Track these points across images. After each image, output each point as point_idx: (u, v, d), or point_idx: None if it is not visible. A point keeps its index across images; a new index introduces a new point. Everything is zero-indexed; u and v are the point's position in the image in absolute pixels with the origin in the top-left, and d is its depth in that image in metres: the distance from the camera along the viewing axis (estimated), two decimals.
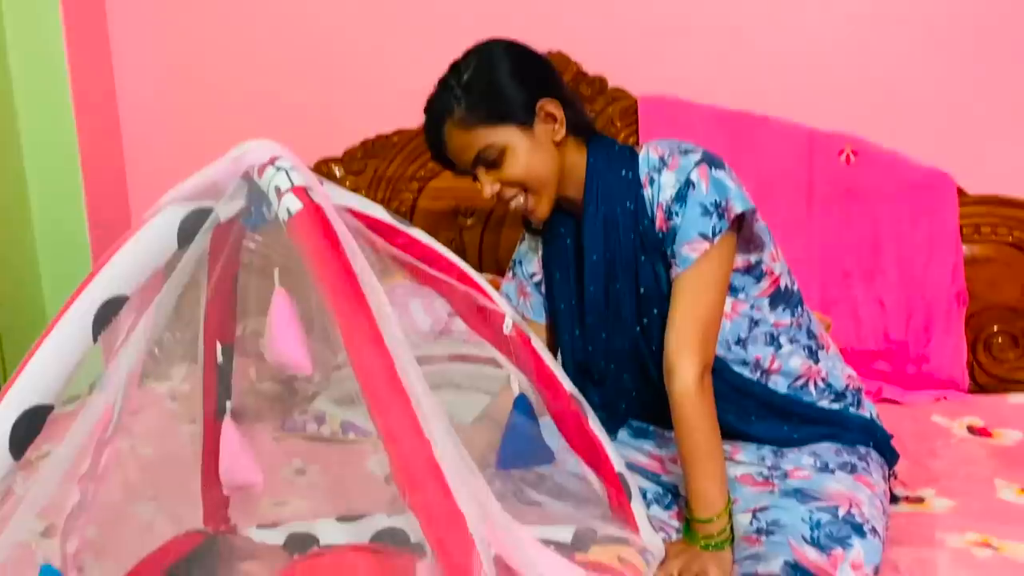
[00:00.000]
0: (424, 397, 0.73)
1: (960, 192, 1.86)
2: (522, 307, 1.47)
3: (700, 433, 1.21)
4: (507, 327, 1.05)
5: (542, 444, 1.11)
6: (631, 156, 1.31)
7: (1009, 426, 1.65)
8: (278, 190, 0.82)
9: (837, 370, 1.39)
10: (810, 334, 1.37)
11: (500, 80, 1.27)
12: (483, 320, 1.07)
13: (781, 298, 1.34)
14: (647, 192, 1.28)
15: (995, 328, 1.86)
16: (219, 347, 1.10)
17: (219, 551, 1.05)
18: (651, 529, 1.16)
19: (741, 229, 1.28)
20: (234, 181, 0.90)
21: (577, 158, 1.31)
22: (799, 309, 1.37)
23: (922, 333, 1.84)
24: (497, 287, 1.25)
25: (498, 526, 0.75)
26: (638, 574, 1.07)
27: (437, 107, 1.28)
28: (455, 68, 1.29)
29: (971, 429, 1.66)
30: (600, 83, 2.01)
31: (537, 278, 1.45)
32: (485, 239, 2.09)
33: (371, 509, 1.27)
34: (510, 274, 1.50)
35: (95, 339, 0.84)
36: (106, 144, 2.27)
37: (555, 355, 1.46)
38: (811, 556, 1.12)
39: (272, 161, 0.84)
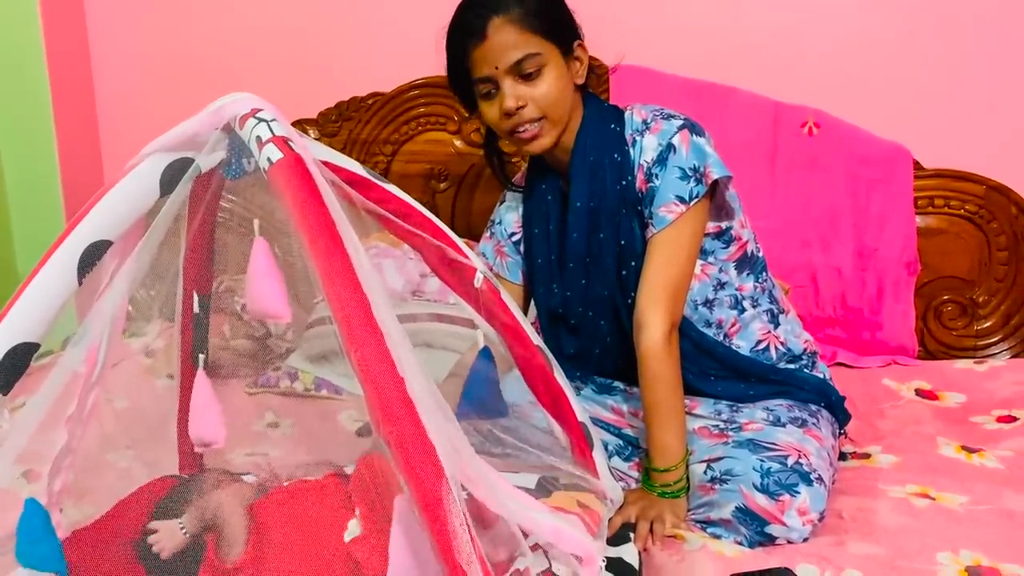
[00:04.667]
0: (398, 338, 0.77)
1: (916, 165, 1.93)
2: (498, 267, 1.49)
3: (664, 387, 1.27)
4: (478, 281, 1.09)
5: (499, 398, 1.15)
6: (618, 114, 1.36)
7: (954, 389, 1.73)
8: (259, 140, 0.85)
9: (795, 335, 1.45)
10: (772, 299, 1.43)
11: (559, 4, 1.29)
12: (454, 274, 1.11)
13: (747, 263, 1.39)
14: (630, 152, 1.32)
15: (945, 297, 1.94)
16: (196, 297, 1.13)
17: (201, 486, 1.08)
18: (611, 478, 1.21)
19: (715, 196, 1.33)
20: (214, 133, 0.92)
21: (576, 108, 1.35)
22: (763, 275, 1.42)
23: (875, 301, 1.91)
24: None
25: (465, 459, 0.80)
26: (597, 518, 1.12)
27: (489, 1, 1.25)
28: None
29: (919, 392, 1.74)
30: None
31: (516, 237, 1.48)
32: (458, 203, 2.12)
33: (344, 461, 1.31)
34: (487, 234, 1.52)
35: (80, 281, 0.87)
36: (79, 102, 2.27)
37: (526, 314, 1.51)
38: (761, 502, 1.18)
39: (253, 113, 0.87)
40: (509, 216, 1.49)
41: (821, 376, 1.45)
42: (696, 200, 1.28)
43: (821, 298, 1.94)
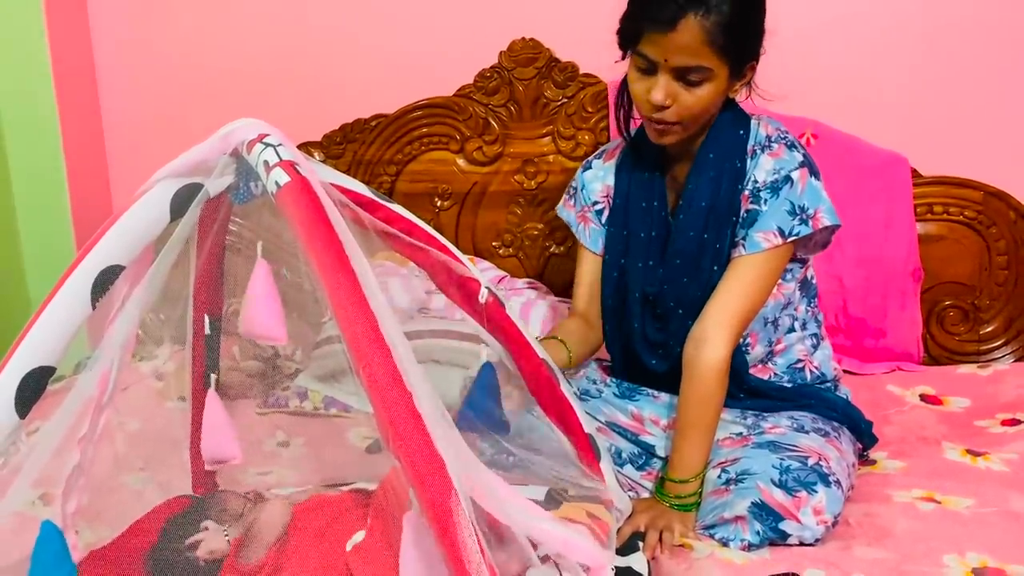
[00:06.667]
0: (405, 354, 0.79)
1: (915, 173, 1.94)
2: (579, 233, 1.49)
3: (711, 407, 1.28)
4: (482, 296, 1.11)
5: (500, 412, 1.16)
6: (746, 121, 1.36)
7: (958, 394, 1.74)
8: (266, 164, 0.87)
9: (828, 360, 1.47)
10: (818, 324, 1.45)
11: (755, 25, 1.27)
12: (460, 290, 1.13)
13: (805, 287, 1.42)
14: (748, 162, 1.33)
15: (947, 303, 1.95)
16: (207, 319, 1.15)
17: (213, 505, 1.10)
18: (619, 488, 1.22)
19: (815, 235, 1.33)
20: (223, 158, 0.95)
21: (716, 111, 1.34)
22: (815, 301, 1.45)
23: (879, 309, 1.92)
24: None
25: (474, 472, 0.81)
26: (606, 528, 1.14)
27: None
28: None
29: (923, 397, 1.75)
30: (572, 69, 2.06)
31: (600, 206, 1.48)
32: (461, 220, 2.15)
33: (354, 478, 1.33)
34: (567, 199, 1.52)
35: (93, 306, 0.89)
36: (87, 130, 2.30)
37: (599, 287, 1.47)
38: (778, 496, 1.19)
39: (261, 138, 0.89)
40: (594, 185, 1.48)
41: (845, 398, 1.47)
42: (794, 238, 1.30)
43: (823, 307, 1.95)
